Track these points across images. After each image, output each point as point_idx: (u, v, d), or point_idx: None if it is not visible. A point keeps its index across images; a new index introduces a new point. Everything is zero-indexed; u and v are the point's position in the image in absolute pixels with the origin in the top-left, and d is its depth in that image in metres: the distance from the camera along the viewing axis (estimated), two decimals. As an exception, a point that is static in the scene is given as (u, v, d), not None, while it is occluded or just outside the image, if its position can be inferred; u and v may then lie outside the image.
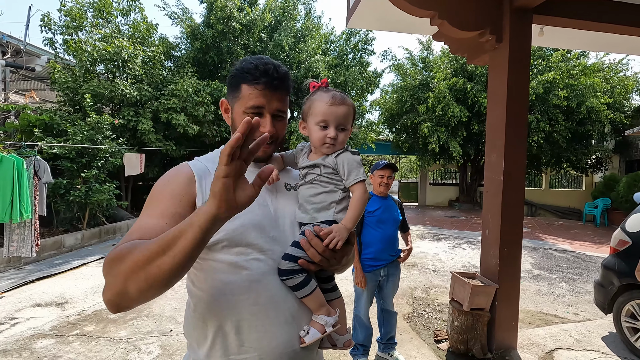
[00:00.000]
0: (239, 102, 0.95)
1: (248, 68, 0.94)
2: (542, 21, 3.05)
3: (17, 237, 4.66)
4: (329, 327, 0.93)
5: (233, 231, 0.88)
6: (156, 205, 0.85)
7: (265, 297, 0.89)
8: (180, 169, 0.94)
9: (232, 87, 0.97)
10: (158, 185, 0.90)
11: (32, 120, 6.46)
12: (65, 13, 7.84)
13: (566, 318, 3.94)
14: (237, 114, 0.95)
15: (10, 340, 3.11)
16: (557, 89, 10.49)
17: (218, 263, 0.88)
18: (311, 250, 0.89)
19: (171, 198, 0.86)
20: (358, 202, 0.95)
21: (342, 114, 0.97)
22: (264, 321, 0.88)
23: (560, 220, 12.41)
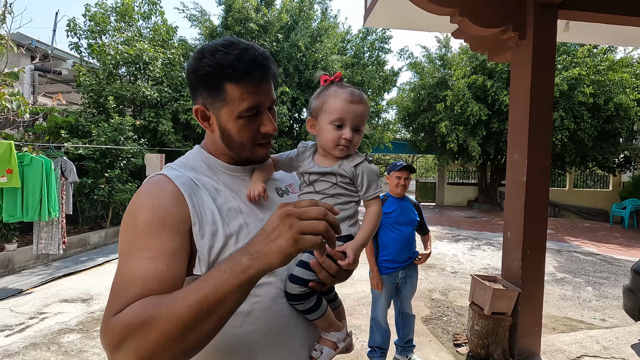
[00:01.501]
0: (227, 107, 0.76)
1: (229, 62, 0.73)
2: (567, 16, 2.94)
3: (46, 234, 4.85)
4: (341, 343, 0.88)
5: None
6: (147, 242, 0.68)
7: (279, 323, 0.79)
8: (163, 186, 0.74)
9: (211, 89, 0.76)
10: (141, 212, 0.70)
11: (59, 122, 6.72)
12: (90, 18, 8.11)
13: (592, 324, 3.80)
14: (229, 122, 0.78)
15: (39, 334, 3.24)
16: (583, 86, 10.12)
17: None
18: (323, 272, 0.79)
19: (164, 230, 0.69)
20: (375, 218, 0.86)
21: (360, 113, 0.87)
22: (280, 350, 0.79)
23: (585, 222, 11.97)
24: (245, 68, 0.74)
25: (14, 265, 5.04)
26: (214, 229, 0.74)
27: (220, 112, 0.78)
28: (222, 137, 0.81)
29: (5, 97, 4.61)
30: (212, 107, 0.78)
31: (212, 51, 0.75)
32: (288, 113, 10.46)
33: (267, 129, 0.81)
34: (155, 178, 0.77)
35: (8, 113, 5.14)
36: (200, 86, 0.77)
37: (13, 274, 4.91)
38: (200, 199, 0.76)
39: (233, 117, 0.77)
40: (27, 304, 3.93)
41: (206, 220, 0.74)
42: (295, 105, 11.06)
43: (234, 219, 0.78)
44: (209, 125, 0.82)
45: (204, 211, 0.75)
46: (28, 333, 3.27)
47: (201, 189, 0.78)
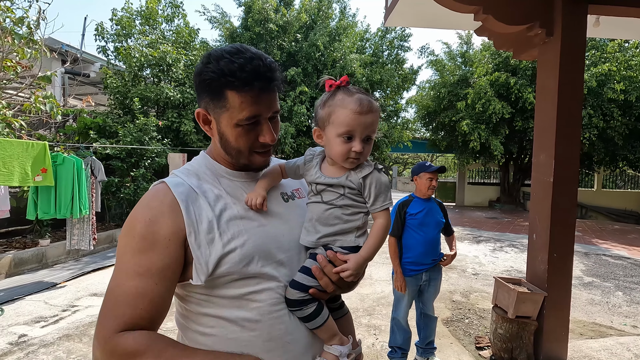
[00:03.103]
0: (227, 113, 0.76)
1: (232, 70, 0.73)
2: (598, 11, 2.83)
3: (78, 231, 5.08)
4: (344, 358, 0.83)
5: (239, 262, 0.75)
6: (140, 257, 0.72)
7: (280, 330, 0.78)
8: (161, 196, 0.76)
9: (213, 95, 0.76)
10: (139, 224, 0.73)
11: (88, 123, 7.00)
12: (117, 22, 8.40)
13: (623, 330, 3.66)
14: (227, 128, 0.78)
15: (72, 326, 3.40)
16: (613, 82, 9.70)
17: (222, 299, 0.76)
18: (324, 279, 0.79)
19: (156, 247, 0.72)
20: (382, 232, 0.83)
21: (370, 122, 0.81)
22: (281, 357, 0.78)
23: (614, 224, 11.49)
24: (246, 78, 0.74)
25: (47, 260, 5.30)
26: (210, 237, 0.75)
27: (220, 118, 0.78)
28: (220, 141, 0.82)
29: (40, 99, 4.85)
30: (213, 112, 0.79)
31: (217, 57, 0.76)
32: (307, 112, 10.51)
33: (266, 140, 0.80)
34: (155, 188, 0.79)
35: (42, 115, 5.40)
36: (204, 90, 0.78)
37: (46, 268, 5.17)
38: (198, 208, 0.76)
39: (232, 124, 0.77)
40: (60, 297, 4.13)
41: (202, 230, 0.75)
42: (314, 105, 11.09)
43: (233, 226, 0.78)
44: (209, 129, 0.83)
45: (200, 220, 0.75)
46: (61, 325, 3.43)
47: (201, 197, 0.78)
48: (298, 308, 0.79)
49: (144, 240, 0.72)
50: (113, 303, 0.71)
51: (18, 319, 3.54)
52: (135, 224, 0.74)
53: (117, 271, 0.74)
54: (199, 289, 0.76)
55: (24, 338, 3.16)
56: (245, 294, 0.76)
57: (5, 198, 4.43)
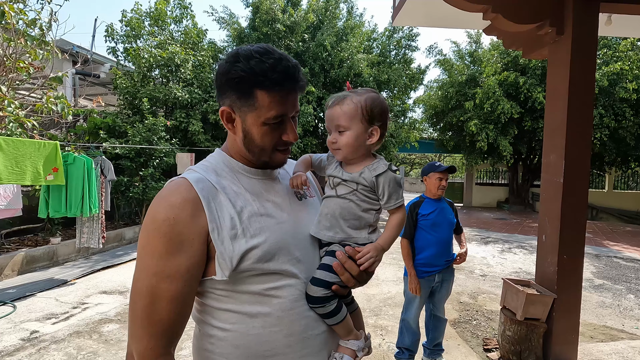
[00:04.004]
0: (254, 112, 0.78)
1: (263, 70, 0.75)
2: (610, 9, 2.79)
3: (87, 229, 5.15)
4: (360, 352, 0.87)
5: (261, 258, 0.77)
6: (168, 260, 0.71)
7: (300, 325, 0.80)
8: (183, 193, 0.75)
9: (241, 93, 0.77)
10: (163, 225, 0.72)
11: (98, 123, 7.10)
12: (126, 23, 8.50)
13: (635, 334, 3.59)
14: (254, 126, 0.79)
15: (82, 323, 3.45)
16: (625, 81, 9.53)
17: (244, 295, 0.77)
18: (345, 275, 0.82)
19: (183, 247, 0.72)
20: (398, 226, 0.88)
21: (335, 115, 0.88)
22: (300, 352, 0.79)
23: (626, 226, 11.29)
24: (277, 78, 0.76)
25: (58, 258, 5.38)
26: (233, 233, 0.76)
27: (247, 117, 0.79)
28: (244, 140, 0.82)
29: (51, 100, 4.93)
30: (239, 110, 0.79)
31: (247, 56, 0.76)
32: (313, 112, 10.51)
33: (289, 138, 0.83)
34: (176, 183, 0.78)
35: (53, 115, 5.49)
36: (230, 89, 0.78)
37: (57, 265, 5.25)
38: (219, 204, 0.77)
39: (259, 122, 0.79)
40: (71, 294, 4.19)
41: (225, 226, 0.76)
42: (321, 105, 11.09)
43: (255, 222, 0.79)
44: (232, 127, 0.83)
45: (222, 216, 0.76)
46: (72, 322, 3.49)
47: (221, 193, 0.79)
48: (321, 305, 0.81)
49: (171, 242, 0.72)
50: (152, 307, 0.71)
51: (30, 315, 3.61)
52: (160, 224, 0.72)
53: (145, 272, 0.72)
54: (220, 284, 0.77)
55: (36, 334, 3.22)
56: (266, 289, 0.77)
57: (18, 197, 4.52)
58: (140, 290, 0.72)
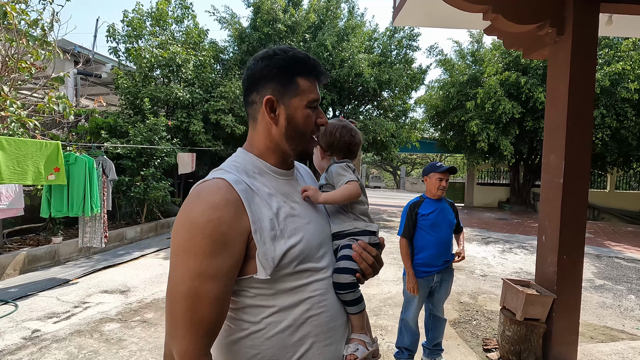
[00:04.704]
0: (298, 96, 0.85)
1: (301, 59, 0.86)
2: (610, 9, 2.79)
3: (90, 229, 5.17)
4: (370, 346, 0.93)
5: (297, 257, 0.81)
6: (211, 261, 0.72)
7: (327, 317, 0.85)
8: (224, 194, 0.76)
9: (284, 81, 0.85)
10: (207, 225, 0.72)
11: (99, 123, 7.12)
12: (127, 23, 8.52)
13: (635, 335, 3.59)
14: (298, 109, 0.86)
15: (83, 322, 3.47)
16: (627, 81, 9.51)
17: (279, 291, 0.80)
18: (363, 263, 0.90)
19: (226, 248, 0.73)
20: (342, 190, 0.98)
21: None
22: (325, 342, 0.85)
23: (628, 226, 11.26)
24: (312, 65, 0.87)
25: (60, 257, 5.41)
26: (273, 234, 0.79)
27: (291, 102, 0.85)
28: (287, 127, 0.86)
29: (53, 100, 4.95)
30: (282, 97, 0.85)
31: (283, 50, 0.87)
32: (314, 112, 10.50)
33: (322, 121, 0.90)
34: (215, 184, 0.78)
35: (55, 115, 5.51)
36: (271, 80, 0.85)
37: (59, 265, 5.27)
38: (257, 206, 0.79)
39: (302, 105, 0.86)
40: (72, 293, 4.21)
41: (265, 227, 0.78)
42: (322, 105, 11.10)
43: (290, 223, 0.83)
44: (274, 117, 0.86)
45: (261, 217, 0.79)
46: (73, 321, 3.50)
47: (257, 195, 0.81)
48: (350, 290, 0.90)
49: (215, 243, 0.72)
50: (194, 308, 0.71)
51: (31, 314, 3.62)
52: (204, 226, 0.72)
53: (187, 273, 0.72)
54: (257, 282, 0.79)
55: (37, 333, 3.23)
56: (299, 286, 0.82)
57: (20, 196, 4.54)
58: (181, 292, 0.72)
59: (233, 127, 8.80)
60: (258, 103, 0.87)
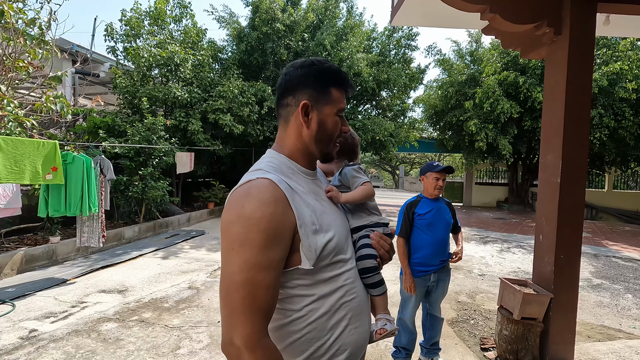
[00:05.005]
0: (330, 104, 0.96)
1: (335, 71, 0.97)
2: (607, 9, 2.79)
3: (87, 228, 5.16)
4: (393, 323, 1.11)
5: (332, 250, 0.90)
6: (265, 253, 0.79)
7: (356, 302, 0.95)
8: (273, 192, 0.83)
9: (319, 89, 0.95)
10: (262, 221, 0.79)
11: (97, 122, 7.10)
12: (126, 22, 8.50)
13: (632, 334, 3.60)
14: (329, 116, 0.96)
15: (80, 322, 3.47)
16: (625, 81, 9.53)
17: (318, 281, 0.89)
18: (382, 250, 1.04)
19: (277, 241, 0.81)
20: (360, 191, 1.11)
21: None
22: (354, 324, 0.95)
23: (626, 225, 11.30)
24: (345, 78, 0.98)
25: (57, 257, 5.39)
26: (314, 229, 0.88)
27: (324, 108, 0.95)
28: (317, 130, 0.95)
29: (50, 99, 4.94)
30: (316, 103, 0.94)
31: (320, 61, 0.97)
32: (313, 112, 10.49)
33: (346, 129, 1.02)
34: (262, 182, 0.84)
35: (52, 114, 5.50)
36: (308, 87, 0.94)
37: (56, 264, 5.26)
38: (298, 203, 0.87)
39: (333, 112, 0.96)
40: (70, 293, 4.20)
41: (307, 222, 0.87)
42: (320, 104, 11.08)
43: (324, 219, 0.92)
44: (307, 120, 0.95)
45: (303, 214, 0.87)
46: (70, 320, 3.50)
47: (296, 193, 0.89)
48: (374, 273, 1.03)
49: (269, 237, 0.79)
50: (252, 296, 0.77)
51: (29, 314, 3.62)
52: (259, 221, 0.79)
53: (244, 264, 0.78)
54: (299, 273, 0.87)
55: (35, 333, 3.23)
56: (334, 275, 0.91)
57: (17, 196, 4.53)
58: (239, 281, 0.77)
59: (231, 126, 8.79)
60: (293, 106, 0.95)
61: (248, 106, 9.27)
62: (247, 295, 0.77)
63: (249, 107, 9.27)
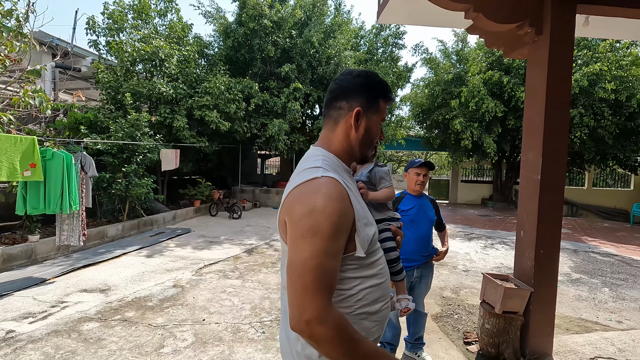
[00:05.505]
0: (377, 114, 1.09)
1: (385, 86, 1.11)
2: (587, 10, 2.86)
3: (67, 227, 5.03)
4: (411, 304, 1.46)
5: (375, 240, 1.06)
6: (334, 243, 0.91)
7: (386, 283, 1.11)
8: (340, 190, 0.95)
9: (371, 99, 1.08)
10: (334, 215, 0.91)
11: (79, 118, 6.92)
12: (108, 16, 8.29)
13: (608, 326, 3.73)
14: (374, 124, 1.10)
15: (61, 322, 3.38)
16: (604, 81, 9.80)
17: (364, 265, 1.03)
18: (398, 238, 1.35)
19: (343, 233, 0.93)
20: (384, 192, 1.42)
21: None
22: (386, 301, 1.10)
23: (604, 222, 11.66)
24: (390, 94, 1.12)
25: (37, 256, 5.24)
26: (364, 222, 1.01)
27: (372, 117, 1.09)
28: (364, 135, 1.08)
29: (29, 94, 4.78)
30: (366, 111, 1.07)
31: (373, 74, 1.11)
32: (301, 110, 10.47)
33: (383, 137, 1.16)
34: (330, 181, 0.95)
35: (31, 109, 5.32)
36: (362, 95, 1.06)
37: (36, 264, 5.11)
38: (353, 199, 0.99)
39: (378, 121, 1.10)
40: (49, 292, 4.09)
41: (360, 216, 0.99)
42: (308, 102, 11.08)
43: (367, 213, 1.06)
44: (357, 125, 1.07)
45: (357, 209, 0.99)
46: (50, 320, 3.41)
47: (351, 191, 1.01)
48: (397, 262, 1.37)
49: (337, 229, 0.91)
50: (322, 278, 0.89)
51: (6, 314, 3.51)
52: (330, 215, 0.90)
53: (317, 251, 0.89)
54: (352, 259, 1.00)
55: (12, 334, 3.13)
56: (374, 261, 1.05)
57: (-7, 193, 4.38)
58: (312, 265, 0.88)
59: (218, 123, 8.70)
60: (345, 110, 1.06)
61: (235, 103, 9.18)
62: (318, 277, 0.88)
63: (235, 104, 9.17)
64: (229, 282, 4.57)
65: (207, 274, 4.87)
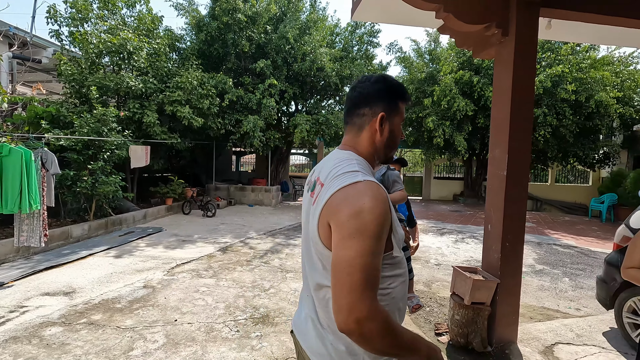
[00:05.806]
0: (398, 116, 1.14)
1: (403, 88, 1.16)
2: (549, 14, 3.00)
3: (27, 227, 4.75)
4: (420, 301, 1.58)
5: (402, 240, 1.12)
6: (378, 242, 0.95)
7: (407, 280, 1.15)
8: (383, 193, 1.00)
9: (392, 103, 1.12)
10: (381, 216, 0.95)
11: (39, 112, 6.53)
12: (71, 5, 7.86)
13: (567, 313, 3.95)
14: (397, 126, 1.15)
15: (20, 328, 3.19)
16: (566, 83, 10.34)
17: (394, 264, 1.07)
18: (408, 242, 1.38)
19: (386, 233, 0.98)
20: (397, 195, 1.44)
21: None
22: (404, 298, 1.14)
23: (565, 216, 12.34)
24: (407, 94, 1.16)
25: (-7, 259, 4.92)
26: (396, 223, 1.07)
27: (394, 120, 1.13)
28: (389, 137, 1.13)
29: (-18, 85, 4.46)
30: (389, 115, 1.12)
31: (391, 78, 1.15)
32: (276, 106, 10.38)
33: (403, 137, 1.20)
34: (374, 185, 0.99)
35: (-15, 102, 4.98)
36: (384, 100, 1.11)
37: (-8, 267, 4.80)
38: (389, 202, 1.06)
39: (399, 123, 1.15)
40: (7, 297, 3.86)
41: (395, 218, 1.05)
42: (284, 98, 11.00)
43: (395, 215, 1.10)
44: (382, 129, 1.12)
45: (392, 211, 1.03)
46: (8, 327, 3.21)
47: None
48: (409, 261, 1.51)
49: (383, 229, 0.95)
50: (369, 276, 0.91)
51: (-42, 322, 3.28)
52: (378, 216, 0.94)
53: (364, 250, 0.92)
54: (389, 258, 1.04)
55: (-35, 342, 2.93)
56: (399, 259, 1.09)
57: (-58, 192, 4.07)
58: (360, 264, 0.91)
59: (190, 119, 8.48)
60: (369, 116, 1.11)
61: (208, 98, 8.97)
62: (367, 275, 0.91)
63: (209, 100, 8.97)
64: (203, 281, 4.47)
65: (179, 273, 4.74)
